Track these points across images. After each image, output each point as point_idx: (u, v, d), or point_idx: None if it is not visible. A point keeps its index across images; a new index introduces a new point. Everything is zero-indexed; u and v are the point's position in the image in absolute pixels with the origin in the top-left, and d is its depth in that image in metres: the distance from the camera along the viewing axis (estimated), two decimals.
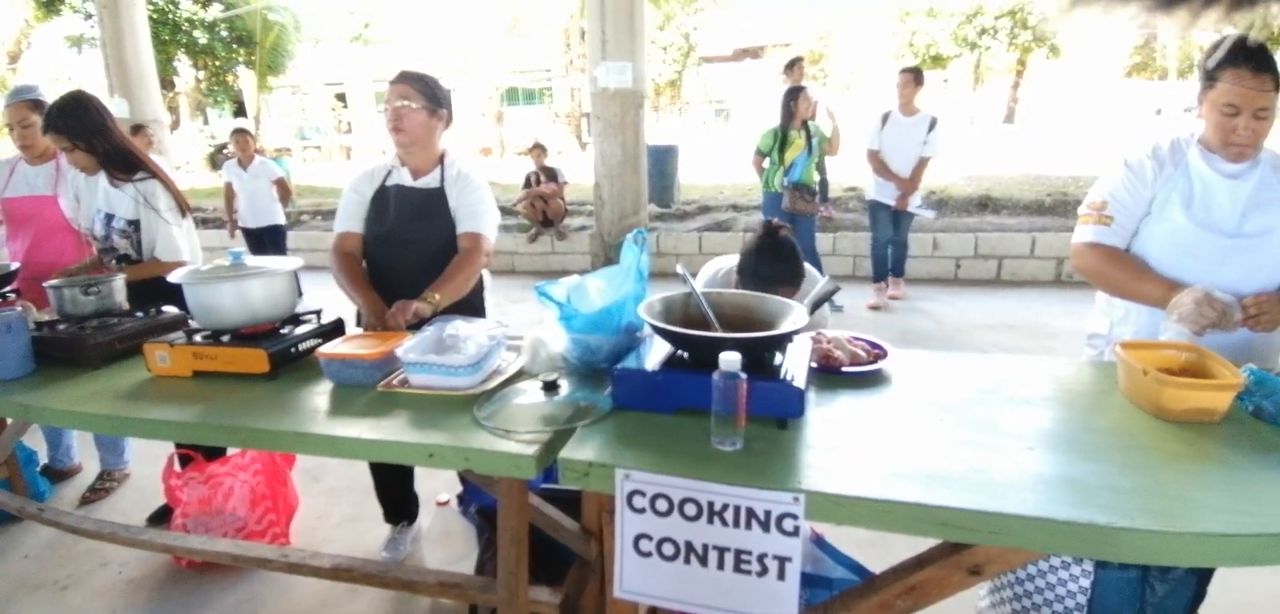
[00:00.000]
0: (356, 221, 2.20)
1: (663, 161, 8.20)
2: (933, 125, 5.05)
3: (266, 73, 18.30)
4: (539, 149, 8.04)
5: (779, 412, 1.23)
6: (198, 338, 1.73)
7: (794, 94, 4.98)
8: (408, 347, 1.51)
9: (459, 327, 1.60)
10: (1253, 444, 1.16)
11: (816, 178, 7.69)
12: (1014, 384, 1.43)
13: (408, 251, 2.13)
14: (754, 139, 5.22)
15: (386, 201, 2.16)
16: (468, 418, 1.35)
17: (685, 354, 1.37)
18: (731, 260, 2.06)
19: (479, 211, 2.14)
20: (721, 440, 1.16)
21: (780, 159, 5.03)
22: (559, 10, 17.18)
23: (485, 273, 2.28)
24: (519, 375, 1.57)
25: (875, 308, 5.46)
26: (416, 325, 1.87)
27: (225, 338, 1.72)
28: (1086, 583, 1.64)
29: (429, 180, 2.16)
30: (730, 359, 1.12)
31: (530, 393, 1.44)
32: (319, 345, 1.72)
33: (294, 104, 23.92)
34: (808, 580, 1.86)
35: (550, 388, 1.39)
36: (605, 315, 1.48)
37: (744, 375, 1.13)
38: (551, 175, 7.80)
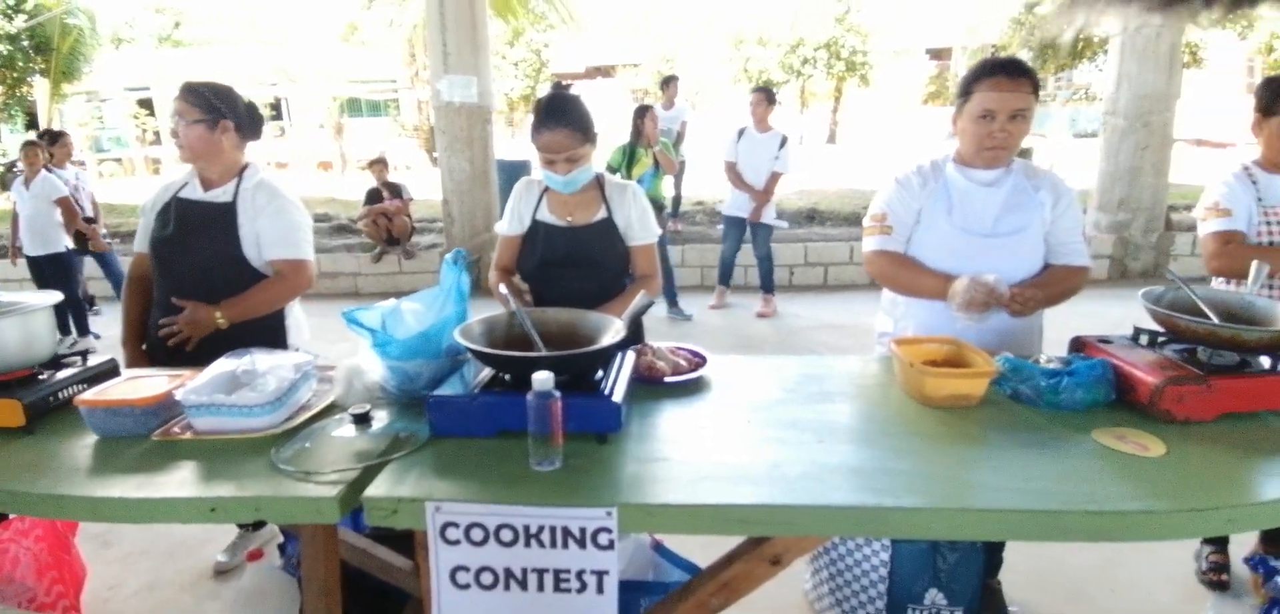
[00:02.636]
0: (147, 241, 2.00)
1: (515, 177, 8.02)
2: (783, 142, 5.44)
3: (61, 80, 15.93)
4: (381, 164, 7.60)
5: (598, 427, 1.25)
6: None
7: (642, 112, 5.14)
8: (190, 388, 1.34)
9: (257, 360, 1.45)
10: (1011, 424, 1.33)
11: (670, 193, 8.01)
12: (813, 382, 1.56)
13: (184, 266, 1.95)
14: (605, 155, 5.33)
15: (169, 213, 1.99)
16: (264, 462, 1.23)
17: (507, 376, 1.35)
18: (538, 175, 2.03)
19: (293, 235, 2.00)
20: (539, 461, 1.15)
21: (629, 175, 5.15)
22: (402, 19, 16.42)
23: (297, 303, 2.11)
24: (330, 409, 1.46)
25: (716, 308, 5.80)
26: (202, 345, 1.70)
27: None
28: (886, 556, 1.82)
29: (220, 193, 1.99)
30: (543, 378, 1.12)
31: (340, 428, 1.34)
32: (83, 391, 1.48)
33: (91, 112, 20.74)
34: (647, 588, 1.90)
35: (361, 420, 1.31)
36: (424, 340, 1.42)
37: (558, 394, 1.13)
38: (396, 191, 7.40)
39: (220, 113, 1.96)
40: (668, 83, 8.06)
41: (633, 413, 1.41)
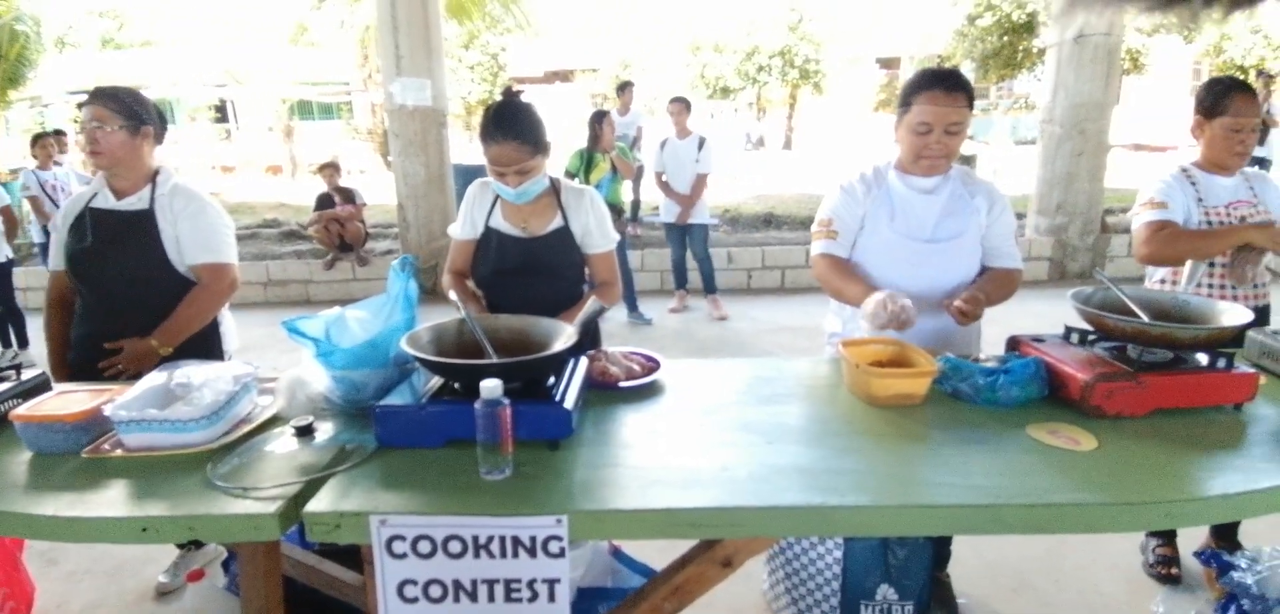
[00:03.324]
0: (63, 258, 1.91)
1: (472, 181, 7.98)
2: (702, 144, 5.56)
3: (6, 86, 15.20)
4: (332, 168, 7.40)
5: (549, 433, 1.24)
6: None
7: (599, 118, 5.14)
8: (119, 403, 1.28)
9: (190, 373, 1.40)
10: (951, 422, 1.37)
11: (630, 198, 8.03)
12: (764, 385, 1.58)
13: (109, 280, 1.88)
14: (563, 160, 5.32)
15: (84, 226, 1.91)
16: (200, 479, 1.18)
17: (457, 384, 1.32)
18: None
19: (214, 239, 1.95)
20: (489, 470, 1.14)
21: (587, 180, 5.14)
22: (353, 20, 16.04)
23: (226, 311, 2.05)
24: (272, 422, 1.41)
25: (675, 312, 5.86)
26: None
27: None
28: (839, 554, 1.86)
29: (135, 201, 1.93)
30: (492, 386, 1.10)
31: (281, 441, 1.30)
32: (18, 406, 1.41)
33: (33, 117, 19.69)
34: (605, 595, 1.89)
35: (304, 433, 1.27)
36: (370, 349, 1.38)
37: (507, 401, 1.12)
38: (348, 196, 7.21)
39: (141, 119, 1.92)
40: (623, 88, 8.09)
41: (586, 419, 1.41)
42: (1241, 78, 2.18)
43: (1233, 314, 1.44)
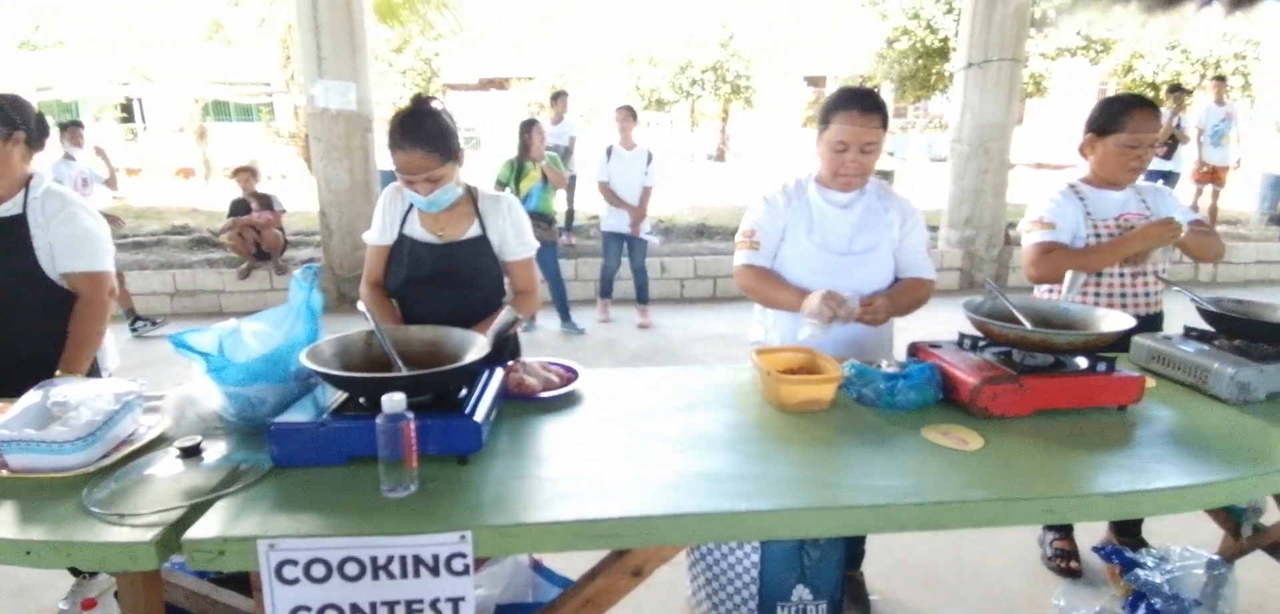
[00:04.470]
0: None
1: None
2: (650, 158, 5.63)
3: None
4: (247, 172, 7.02)
5: (459, 448, 1.21)
6: None
7: (528, 127, 5.09)
8: (1, 421, 1.18)
9: (66, 391, 1.29)
10: (854, 426, 1.43)
11: (564, 207, 7.99)
12: (684, 393, 1.60)
13: None
14: (494, 169, 5.26)
15: None
16: (79, 503, 1.10)
17: (362, 399, 1.28)
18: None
19: (88, 246, 1.85)
20: (392, 487, 1.10)
21: (517, 189, 5.09)
22: (273, 18, 15.33)
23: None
24: (158, 443, 1.32)
25: (604, 321, 5.87)
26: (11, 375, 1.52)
27: None
28: (757, 557, 1.90)
29: (8, 207, 1.82)
30: (394, 400, 1.07)
31: (165, 463, 1.22)
32: None
33: None
34: (524, 610, 1.86)
35: (190, 454, 1.20)
36: (268, 363, 1.32)
37: (411, 415, 1.09)
38: (265, 202, 6.87)
39: (14, 124, 1.82)
40: (557, 98, 8.07)
41: (501, 431, 1.39)
42: (1144, 95, 2.26)
43: (1110, 321, 1.56)
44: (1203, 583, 2.07)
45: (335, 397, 1.33)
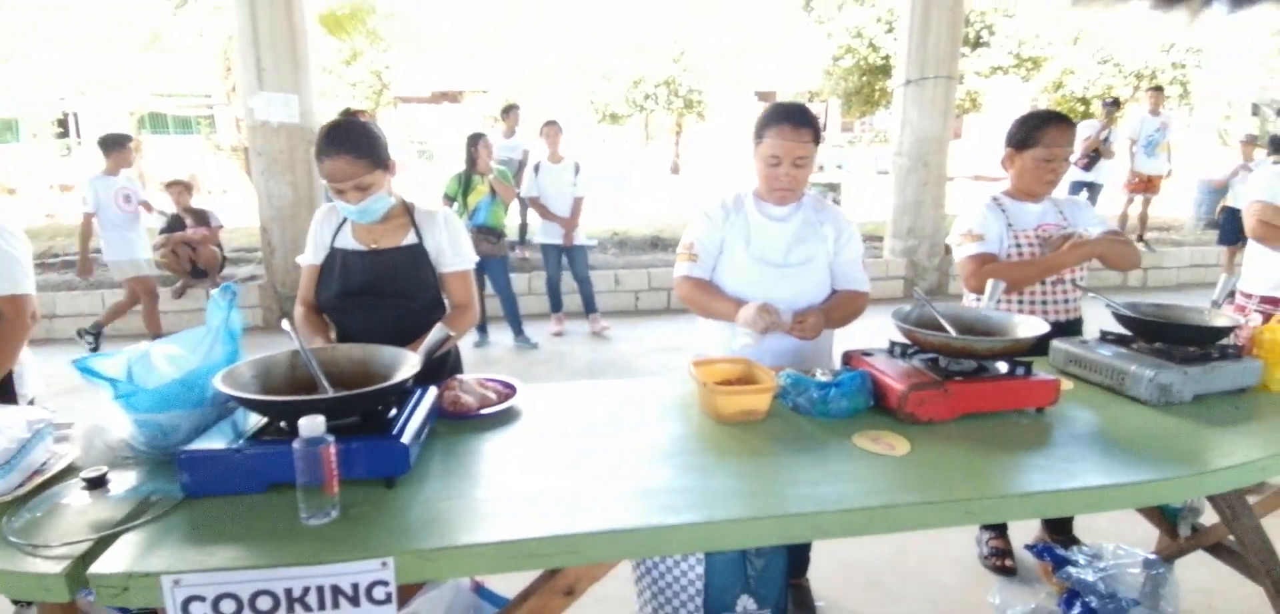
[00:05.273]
0: None
1: None
2: (578, 170, 5.70)
3: None
4: (182, 187, 6.75)
5: (385, 471, 1.18)
6: None
7: (475, 140, 5.04)
8: None
9: None
10: (788, 435, 1.45)
11: (518, 221, 7.92)
12: (624, 406, 1.60)
13: None
14: (441, 183, 5.21)
15: None
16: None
17: (283, 423, 1.23)
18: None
19: (10, 270, 1.74)
20: (311, 514, 1.06)
21: (465, 203, 5.03)
22: (214, 28, 14.81)
23: (25, 347, 1.82)
24: (69, 471, 1.26)
25: (558, 335, 5.85)
26: None
27: None
28: (701, 568, 1.90)
29: None
30: (312, 424, 1.04)
31: (74, 493, 1.16)
32: None
33: None
34: None
35: (95, 484, 1.14)
36: (182, 388, 1.26)
37: (331, 438, 1.06)
38: (201, 218, 6.61)
39: None
40: (509, 111, 8.01)
41: (434, 451, 1.36)
42: (1058, 111, 2.33)
43: (1027, 327, 1.63)
44: (1141, 582, 2.11)
45: (256, 421, 1.28)
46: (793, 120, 1.86)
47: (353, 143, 1.70)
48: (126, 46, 17.40)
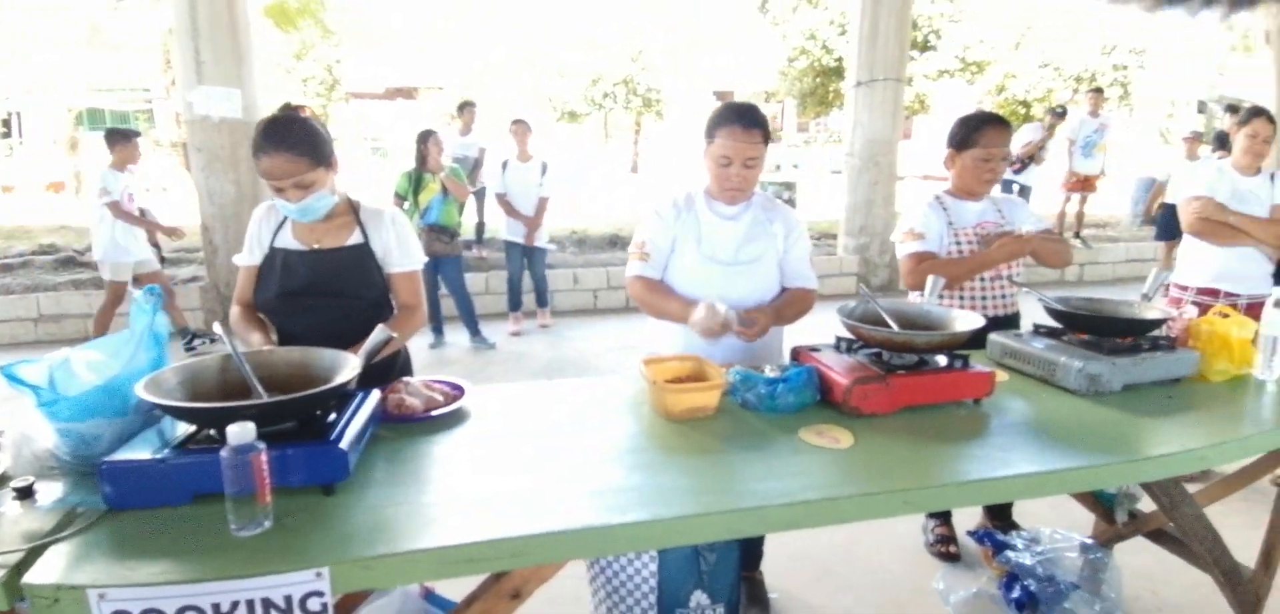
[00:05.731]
0: None
1: None
2: (545, 169, 5.70)
3: None
4: None
5: (323, 478, 1.15)
6: None
7: (424, 137, 4.94)
8: None
9: None
10: (737, 431, 1.46)
11: (475, 220, 7.81)
12: (575, 406, 1.59)
13: None
14: (392, 181, 5.10)
15: None
16: None
17: (213, 431, 1.18)
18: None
19: None
20: (242, 525, 1.03)
21: (416, 202, 4.93)
22: (154, 21, 14.19)
23: None
24: (3, 480, 1.19)
25: (516, 334, 5.81)
26: None
27: None
28: (655, 566, 1.90)
29: None
30: (240, 431, 1.00)
31: (9, 501, 1.11)
32: None
33: None
34: None
35: (24, 494, 1.09)
36: (105, 396, 1.20)
37: (262, 446, 1.02)
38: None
39: None
40: (464, 108, 7.89)
41: (378, 456, 1.33)
42: (995, 113, 2.39)
43: (964, 321, 1.68)
44: (1079, 566, 2.19)
45: (184, 430, 1.23)
46: (743, 121, 1.87)
47: (292, 139, 1.64)
48: (68, 43, 16.60)
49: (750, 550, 2.31)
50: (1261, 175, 2.89)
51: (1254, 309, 2.69)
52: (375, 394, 1.42)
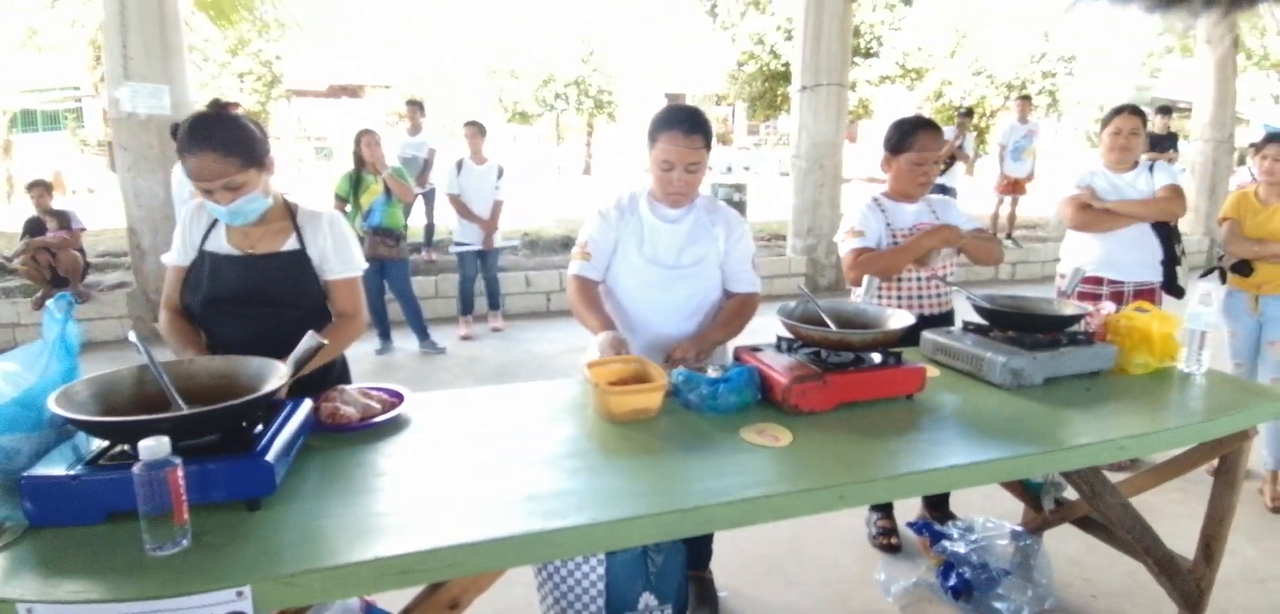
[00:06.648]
0: None
1: None
2: (501, 173, 5.65)
3: None
4: (41, 188, 6.11)
5: (247, 492, 1.10)
6: None
7: (360, 136, 4.78)
8: None
9: None
10: (680, 432, 1.47)
11: (423, 222, 7.65)
12: (517, 411, 1.58)
13: None
14: (332, 184, 4.93)
15: None
16: None
17: (127, 446, 1.13)
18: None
19: None
20: (157, 544, 0.98)
21: (357, 203, 4.78)
22: (86, 18, 13.43)
23: None
24: None
25: (467, 338, 5.70)
26: None
27: None
28: (602, 569, 1.90)
29: None
30: (153, 446, 0.95)
31: None
32: None
33: None
34: None
35: None
36: (20, 409, 1.13)
37: (177, 461, 0.97)
38: (63, 220, 6.01)
39: None
40: (413, 106, 7.70)
41: (310, 467, 1.29)
42: (928, 118, 2.47)
43: (896, 319, 1.74)
44: (1011, 553, 2.28)
45: (100, 444, 1.16)
46: (685, 126, 1.86)
47: (220, 138, 1.56)
48: (2, 47, 15.59)
49: (699, 550, 2.33)
50: (1139, 169, 2.92)
51: (1144, 295, 2.86)
52: (307, 403, 1.38)
